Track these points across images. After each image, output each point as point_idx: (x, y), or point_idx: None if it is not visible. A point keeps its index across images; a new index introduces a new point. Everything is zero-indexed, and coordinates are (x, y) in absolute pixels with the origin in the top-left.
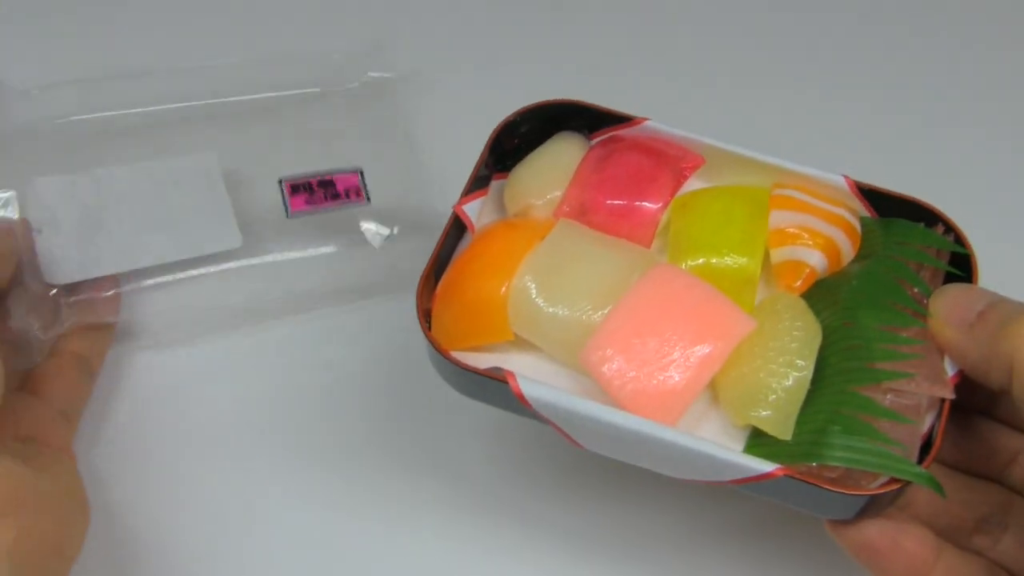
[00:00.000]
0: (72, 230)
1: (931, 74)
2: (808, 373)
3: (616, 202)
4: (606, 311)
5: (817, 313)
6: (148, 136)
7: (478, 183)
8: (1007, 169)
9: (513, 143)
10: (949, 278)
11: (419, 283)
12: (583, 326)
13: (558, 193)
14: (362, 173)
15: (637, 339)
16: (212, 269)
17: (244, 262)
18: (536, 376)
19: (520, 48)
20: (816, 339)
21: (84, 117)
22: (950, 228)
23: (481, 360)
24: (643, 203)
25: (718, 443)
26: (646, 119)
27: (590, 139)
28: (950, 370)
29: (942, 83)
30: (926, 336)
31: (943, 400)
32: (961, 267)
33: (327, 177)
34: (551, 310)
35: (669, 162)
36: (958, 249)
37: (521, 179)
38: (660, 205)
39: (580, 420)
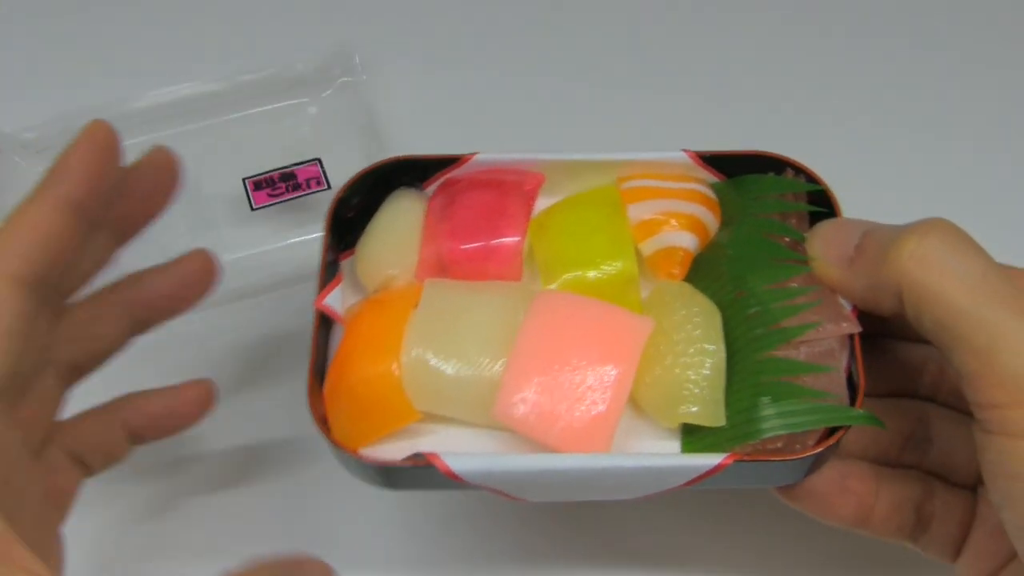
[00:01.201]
0: None
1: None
2: (722, 354)
3: (473, 245)
4: (505, 359)
5: (705, 292)
6: (132, 160)
7: (330, 270)
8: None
9: (349, 216)
10: (815, 219)
11: (306, 390)
12: (487, 381)
13: (413, 256)
14: (321, 162)
15: (545, 377)
16: None
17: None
18: (457, 446)
19: (481, 46)
20: (716, 318)
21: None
22: (799, 170)
23: (395, 450)
24: (501, 239)
25: (657, 453)
26: (474, 154)
27: (424, 189)
28: (847, 304)
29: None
30: (815, 280)
31: (852, 336)
32: (822, 203)
33: (288, 170)
34: (450, 375)
35: (512, 189)
36: (812, 187)
37: (371, 252)
38: (518, 236)
39: (519, 477)
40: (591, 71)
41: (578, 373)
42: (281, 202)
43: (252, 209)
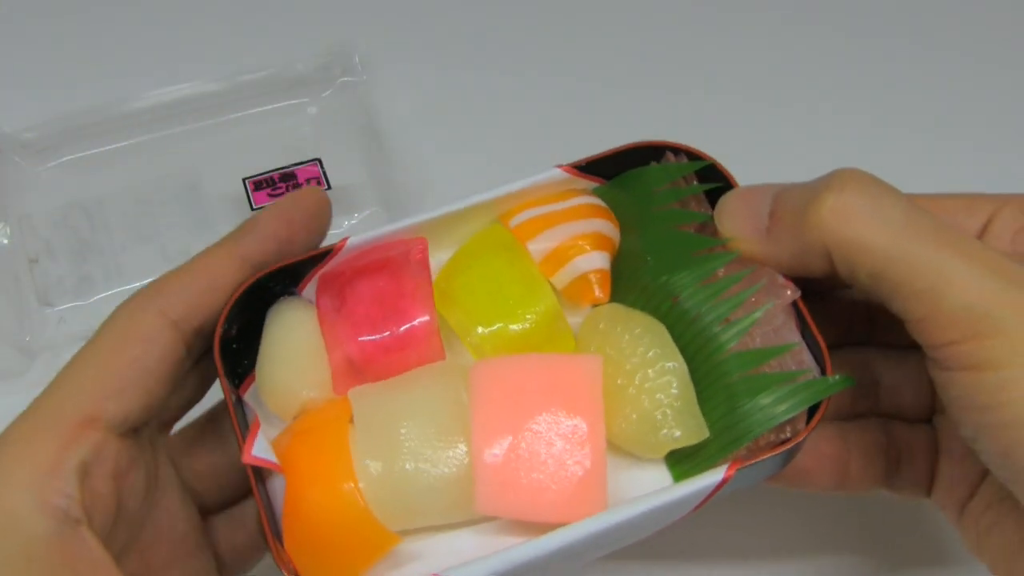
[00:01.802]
0: (67, 257)
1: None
2: (683, 367)
3: (382, 336)
4: (466, 447)
5: (636, 307)
6: (132, 160)
7: (240, 416)
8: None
9: (234, 348)
10: (713, 196)
11: (270, 550)
12: (457, 478)
13: (323, 370)
14: (321, 162)
15: (516, 453)
16: None
17: None
18: (448, 556)
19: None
20: (662, 330)
21: (74, 156)
22: (678, 150)
23: (382, 573)
24: (411, 322)
25: (657, 491)
26: (345, 240)
27: (300, 295)
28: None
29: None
30: (742, 261)
31: (795, 302)
32: (715, 178)
33: (288, 170)
34: (419, 485)
35: (400, 265)
36: (699, 164)
37: (277, 380)
38: (427, 313)
39: (528, 567)
40: (592, 71)
41: (547, 438)
42: None
43: (252, 209)
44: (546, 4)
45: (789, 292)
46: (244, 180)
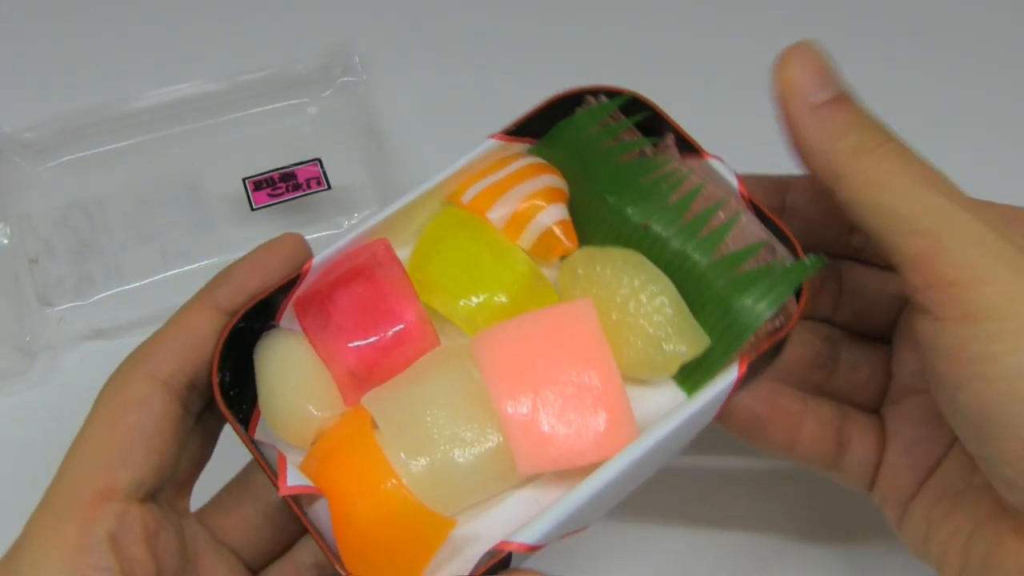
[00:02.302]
0: (67, 257)
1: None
2: (670, 285)
3: (378, 339)
4: (494, 419)
5: (608, 244)
6: (132, 160)
7: (263, 452)
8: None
9: (231, 394)
10: (645, 128)
11: (332, 564)
12: (495, 450)
13: (331, 389)
14: (321, 162)
15: (541, 409)
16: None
17: (218, 260)
18: (503, 526)
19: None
20: (640, 258)
21: (74, 156)
22: (596, 92)
23: (452, 569)
24: (400, 317)
25: (682, 404)
26: (310, 261)
27: (279, 326)
28: (720, 166)
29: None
30: (692, 180)
31: (742, 194)
32: (640, 111)
33: (288, 170)
34: (462, 466)
35: (370, 268)
36: (622, 99)
37: (286, 412)
38: (414, 307)
39: (585, 507)
40: (592, 71)
41: (565, 386)
42: (281, 202)
43: (252, 209)
44: (546, 4)
45: (737, 185)
46: (244, 180)
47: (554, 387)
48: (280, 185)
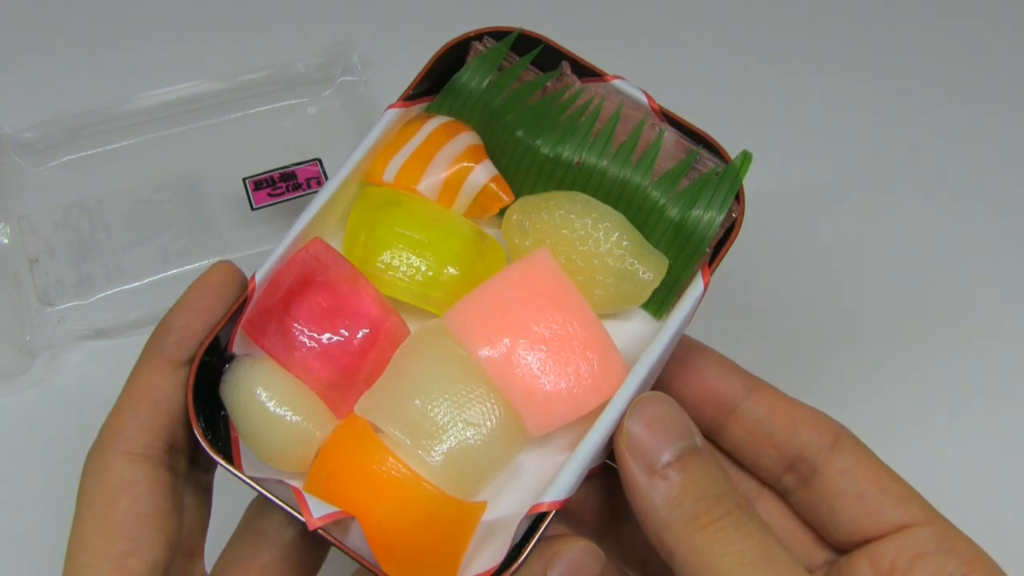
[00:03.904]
0: (67, 257)
1: None
2: (621, 217)
3: (349, 343)
4: (495, 391)
5: (540, 189)
6: (132, 160)
7: (276, 492)
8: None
9: (209, 439)
10: (544, 58)
11: None
12: (504, 421)
13: (318, 407)
14: (321, 162)
15: (535, 369)
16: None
17: (218, 259)
18: (526, 493)
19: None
20: (584, 198)
21: (74, 156)
22: (482, 35)
23: (495, 549)
24: (367, 321)
25: (652, 331)
26: (253, 279)
27: (239, 355)
28: (626, 86)
29: None
30: (594, 95)
31: (654, 108)
32: (530, 47)
33: (288, 170)
34: (479, 446)
35: (317, 273)
36: (510, 39)
37: (283, 445)
38: (375, 303)
39: (597, 450)
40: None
41: (551, 341)
42: (281, 202)
43: (252, 209)
44: (546, 4)
45: (647, 101)
46: (244, 180)
47: (540, 344)
48: (280, 185)
